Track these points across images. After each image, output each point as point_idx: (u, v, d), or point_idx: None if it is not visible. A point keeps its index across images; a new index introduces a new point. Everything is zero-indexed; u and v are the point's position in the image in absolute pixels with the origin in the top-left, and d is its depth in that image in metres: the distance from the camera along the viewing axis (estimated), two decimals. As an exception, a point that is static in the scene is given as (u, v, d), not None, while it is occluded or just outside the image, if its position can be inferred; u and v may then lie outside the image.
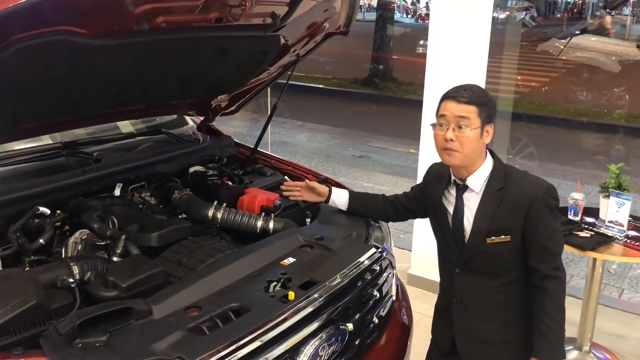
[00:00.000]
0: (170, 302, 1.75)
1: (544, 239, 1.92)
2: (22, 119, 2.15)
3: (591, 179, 5.88)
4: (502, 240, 1.95)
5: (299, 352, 1.81)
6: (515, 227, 1.93)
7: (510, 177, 1.97)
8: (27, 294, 1.63)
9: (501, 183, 1.95)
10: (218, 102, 3.07)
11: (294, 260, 2.08)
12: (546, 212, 1.92)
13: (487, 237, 1.96)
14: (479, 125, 1.91)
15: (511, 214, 1.93)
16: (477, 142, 1.92)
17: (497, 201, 1.94)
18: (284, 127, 9.10)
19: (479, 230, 1.97)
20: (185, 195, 2.48)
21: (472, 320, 2.09)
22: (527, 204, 1.90)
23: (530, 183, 1.96)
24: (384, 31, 12.63)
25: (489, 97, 1.95)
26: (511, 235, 1.94)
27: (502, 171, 1.98)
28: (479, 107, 1.90)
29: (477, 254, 2.00)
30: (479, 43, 3.58)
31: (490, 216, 1.95)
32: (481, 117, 1.91)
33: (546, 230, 1.92)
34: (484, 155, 1.98)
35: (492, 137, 1.95)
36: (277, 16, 2.27)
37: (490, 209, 1.95)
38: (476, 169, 1.97)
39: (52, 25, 1.68)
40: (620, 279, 4.44)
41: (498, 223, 1.94)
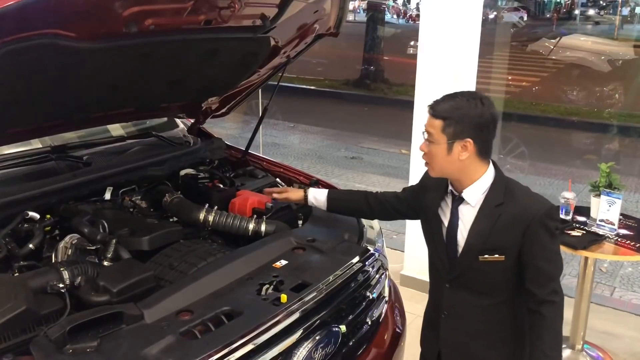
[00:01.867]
0: (161, 306, 1.74)
1: (540, 261, 1.82)
2: (10, 123, 2.13)
3: (582, 178, 5.91)
4: (495, 260, 1.85)
5: (292, 355, 1.81)
6: (510, 247, 1.83)
7: (510, 193, 1.85)
8: (16, 299, 1.61)
9: (500, 199, 1.84)
10: (209, 105, 3.06)
11: (286, 262, 2.07)
12: (545, 233, 1.81)
13: (479, 255, 1.86)
14: (443, 142, 1.79)
15: (507, 233, 1.83)
16: (443, 158, 1.82)
17: (494, 218, 1.84)
18: (276, 128, 9.09)
19: (472, 246, 1.88)
20: (176, 198, 2.46)
21: (459, 337, 2.01)
22: (526, 223, 1.80)
23: (530, 201, 1.85)
24: (375, 32, 12.65)
25: (463, 110, 1.78)
26: (505, 255, 1.85)
27: (502, 186, 1.86)
28: (445, 121, 1.78)
29: (468, 271, 1.92)
30: (469, 43, 3.59)
31: (485, 233, 1.85)
32: (446, 133, 1.79)
33: (544, 253, 1.82)
34: (479, 170, 1.86)
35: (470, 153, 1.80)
36: (267, 18, 2.27)
37: (485, 225, 1.85)
38: (472, 182, 1.86)
39: (39, 29, 1.67)
40: (611, 278, 4.46)
41: (493, 241, 1.84)
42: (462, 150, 1.80)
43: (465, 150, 1.80)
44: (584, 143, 8.54)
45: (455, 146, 1.79)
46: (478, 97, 1.81)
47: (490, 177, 1.87)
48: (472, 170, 1.85)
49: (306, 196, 2.34)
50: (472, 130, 1.78)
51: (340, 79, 12.73)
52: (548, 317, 1.82)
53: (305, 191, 2.35)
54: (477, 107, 1.78)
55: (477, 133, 1.79)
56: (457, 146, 1.79)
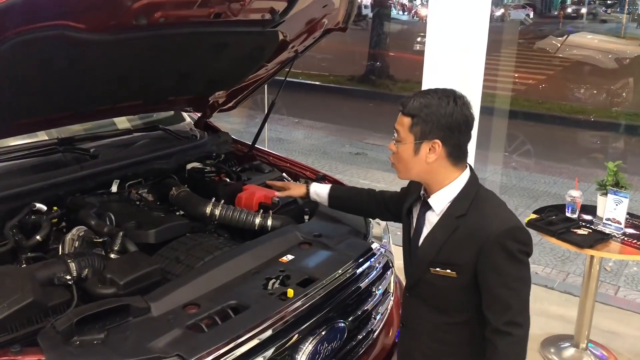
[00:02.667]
0: (168, 299, 1.75)
1: (495, 286, 1.63)
2: (18, 115, 2.13)
3: (587, 177, 5.88)
4: (447, 275, 1.70)
5: (298, 350, 1.81)
6: (463, 264, 1.66)
7: (476, 206, 1.68)
8: (24, 291, 1.62)
9: (463, 210, 1.68)
10: (216, 98, 3.05)
11: (292, 257, 2.07)
12: (501, 255, 1.61)
13: (430, 267, 1.72)
14: (410, 141, 1.66)
15: (461, 248, 1.66)
16: (410, 159, 1.69)
17: (451, 229, 1.68)
18: (281, 123, 9.08)
19: (423, 256, 1.75)
20: (182, 192, 2.46)
21: (414, 352, 1.89)
22: (480, 241, 1.63)
23: (492, 217, 1.65)
24: (381, 28, 12.62)
25: (432, 109, 1.64)
26: (457, 272, 1.68)
27: (470, 197, 1.69)
28: (413, 119, 1.65)
29: (421, 282, 1.78)
30: (477, 41, 3.57)
31: (438, 244, 1.70)
32: (413, 132, 1.66)
33: (500, 277, 1.63)
34: (449, 175, 1.70)
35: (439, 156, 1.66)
36: (276, 12, 2.26)
37: (441, 236, 1.70)
38: (440, 188, 1.72)
39: (49, 20, 1.67)
40: (616, 277, 4.45)
41: (445, 254, 1.69)
42: (430, 152, 1.66)
43: (433, 152, 1.66)
44: (590, 142, 8.51)
45: (423, 147, 1.66)
46: (451, 95, 1.67)
47: (461, 185, 1.71)
48: (442, 174, 1.70)
49: (308, 191, 2.31)
50: (441, 130, 1.64)
51: (345, 74, 12.70)
52: (500, 350, 1.63)
53: (308, 186, 2.32)
54: (448, 106, 1.64)
55: (446, 134, 1.64)
56: (425, 147, 1.66)
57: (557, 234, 3.01)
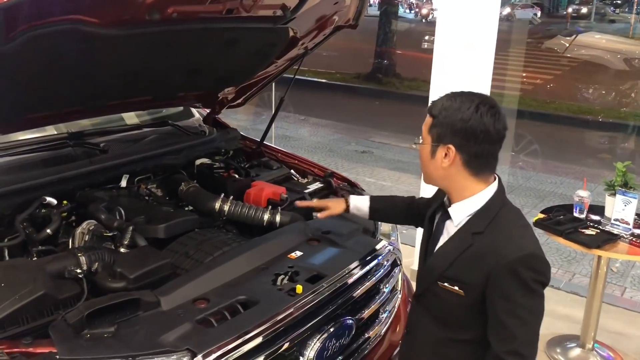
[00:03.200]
0: (178, 294, 1.76)
1: (502, 313, 1.54)
2: (30, 109, 2.14)
3: (595, 177, 5.87)
4: (454, 291, 1.62)
5: (306, 346, 1.82)
6: (471, 284, 1.58)
7: (495, 225, 1.58)
8: (35, 284, 1.64)
9: (481, 227, 1.58)
10: (225, 95, 3.06)
11: (301, 253, 2.07)
12: (513, 283, 1.51)
13: (439, 280, 1.65)
14: (427, 142, 1.62)
15: (471, 267, 1.57)
16: (427, 162, 1.64)
17: (465, 246, 1.59)
18: (287, 121, 9.08)
19: (432, 267, 1.68)
20: (192, 187, 2.47)
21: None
22: (492, 264, 1.53)
23: (508, 241, 1.55)
24: (388, 26, 12.60)
25: (450, 112, 1.57)
26: (465, 291, 1.60)
27: (491, 214, 1.59)
28: (433, 120, 1.61)
29: (427, 292, 1.71)
30: (486, 40, 3.57)
31: (449, 259, 1.62)
32: (431, 134, 1.61)
33: (508, 305, 1.53)
34: (471, 187, 1.62)
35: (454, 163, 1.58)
36: (288, 8, 2.26)
37: (453, 250, 1.62)
38: (461, 199, 1.64)
39: (62, 14, 1.67)
40: (622, 277, 4.43)
41: (455, 270, 1.61)
42: (445, 157, 1.59)
43: (448, 159, 1.59)
44: (597, 142, 8.48)
45: (439, 151, 1.60)
46: (477, 101, 1.56)
47: (484, 200, 1.62)
48: (460, 185, 1.62)
49: (348, 206, 2.17)
50: (455, 136, 1.56)
51: (352, 72, 12.69)
52: None
53: (347, 201, 2.17)
54: (467, 112, 1.54)
55: (462, 141, 1.56)
56: (441, 151, 1.59)
57: (565, 233, 3.01)
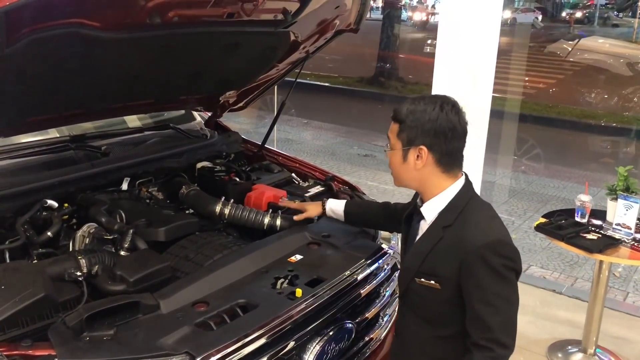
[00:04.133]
0: (177, 297, 1.76)
1: (476, 302, 1.57)
2: (31, 112, 2.15)
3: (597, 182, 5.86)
4: (431, 286, 1.65)
5: (305, 349, 1.82)
6: (446, 276, 1.62)
7: (464, 217, 1.63)
8: (35, 286, 1.63)
9: (450, 220, 1.64)
10: (226, 98, 3.07)
11: (301, 257, 2.08)
12: (484, 270, 1.55)
13: (416, 277, 1.69)
14: (398, 148, 1.66)
15: (444, 259, 1.62)
16: (399, 166, 1.68)
17: (436, 239, 1.65)
18: (290, 124, 9.09)
19: (409, 266, 1.73)
20: (192, 190, 2.47)
21: None
22: (462, 254, 1.57)
23: (475, 230, 1.59)
24: (391, 30, 12.61)
25: (417, 114, 1.62)
26: (441, 285, 1.64)
27: (459, 207, 1.65)
28: (400, 125, 1.65)
29: (409, 291, 1.75)
30: (488, 45, 3.56)
31: (422, 254, 1.67)
32: (400, 138, 1.65)
33: (480, 293, 1.56)
34: (440, 184, 1.67)
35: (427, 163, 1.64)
36: (289, 12, 2.27)
37: (425, 246, 1.67)
38: (431, 197, 1.69)
39: (64, 18, 1.68)
40: (625, 282, 4.42)
41: (428, 265, 1.65)
42: (418, 158, 1.64)
43: (421, 159, 1.64)
44: (600, 146, 8.46)
45: (410, 153, 1.65)
46: (439, 101, 1.64)
47: (452, 194, 1.67)
48: (433, 183, 1.68)
49: (324, 209, 2.26)
50: (426, 136, 1.62)
51: (354, 76, 12.70)
52: None
53: (323, 204, 2.26)
54: (433, 112, 1.62)
55: (433, 140, 1.62)
56: (412, 154, 1.65)
57: (566, 238, 3.00)
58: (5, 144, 2.34)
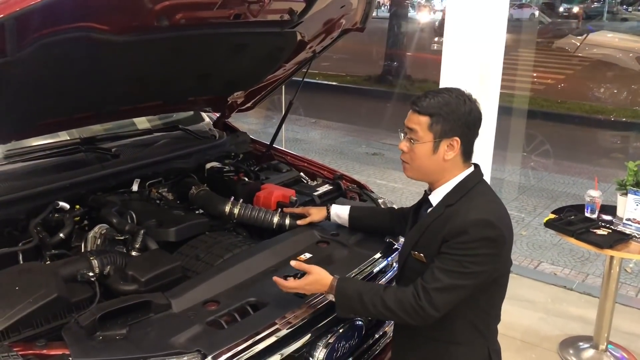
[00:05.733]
0: (188, 296, 1.78)
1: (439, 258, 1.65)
2: (42, 115, 2.18)
3: (607, 177, 5.82)
4: (420, 259, 1.73)
5: (315, 347, 1.83)
6: (431, 248, 1.70)
7: (466, 199, 1.70)
8: (48, 287, 1.65)
9: (453, 200, 1.71)
10: (234, 99, 3.08)
11: (310, 256, 2.08)
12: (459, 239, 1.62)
13: (412, 249, 1.76)
14: (429, 140, 1.68)
15: (435, 234, 1.69)
16: (427, 158, 1.71)
17: (436, 216, 1.72)
18: (298, 124, 9.10)
19: (408, 241, 1.80)
20: (202, 191, 2.49)
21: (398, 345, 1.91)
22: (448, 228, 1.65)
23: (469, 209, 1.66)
24: (398, 28, 12.59)
25: (452, 106, 1.67)
26: (426, 257, 1.72)
27: (464, 190, 1.72)
28: (432, 118, 1.67)
29: (404, 268, 1.82)
30: (495, 40, 3.56)
31: (423, 228, 1.75)
32: (433, 130, 1.68)
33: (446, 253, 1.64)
34: (453, 171, 1.74)
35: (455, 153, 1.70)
36: (295, 12, 2.28)
37: (427, 221, 1.75)
38: (441, 185, 1.75)
39: (74, 22, 1.70)
40: (637, 278, 4.39)
41: (424, 240, 1.73)
42: (449, 149, 1.69)
43: (452, 150, 1.69)
44: (610, 142, 8.40)
45: (442, 145, 1.69)
46: (464, 93, 1.72)
47: (460, 179, 1.74)
48: (452, 172, 1.74)
49: (329, 214, 2.27)
50: (460, 128, 1.68)
51: (362, 74, 12.69)
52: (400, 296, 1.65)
53: (328, 209, 2.28)
54: (466, 105, 1.69)
55: (464, 131, 1.69)
56: (444, 145, 1.69)
57: (576, 234, 2.99)
58: (17, 147, 2.37)
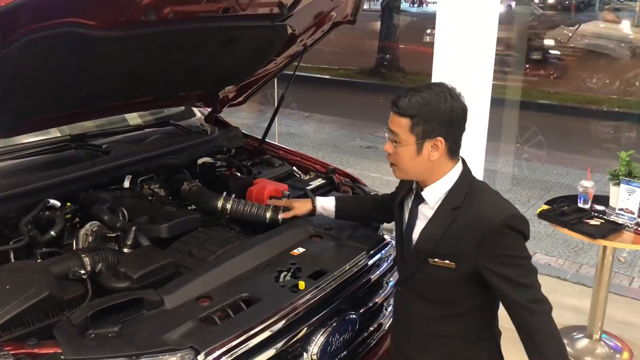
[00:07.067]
0: (181, 292, 1.77)
1: (509, 272, 1.62)
2: (31, 112, 2.16)
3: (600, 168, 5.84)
4: (445, 265, 1.68)
5: (309, 341, 1.83)
6: (463, 255, 1.65)
7: (471, 197, 1.67)
8: (39, 285, 1.64)
9: (458, 202, 1.67)
10: (225, 93, 3.07)
11: (303, 250, 2.08)
12: (505, 242, 1.61)
13: (430, 258, 1.70)
14: (411, 142, 1.64)
15: (460, 240, 1.65)
16: (412, 160, 1.67)
17: (448, 222, 1.67)
18: (291, 118, 9.08)
19: (421, 249, 1.73)
20: (194, 186, 2.48)
21: (406, 348, 1.86)
22: (481, 231, 1.61)
23: (489, 208, 1.65)
24: (390, 21, 12.56)
25: (432, 106, 1.62)
26: (457, 263, 1.67)
27: (464, 189, 1.69)
28: (412, 119, 1.62)
29: (417, 274, 1.75)
30: (487, 31, 3.55)
31: (436, 237, 1.69)
32: (415, 132, 1.63)
33: (510, 261, 1.62)
34: (444, 169, 1.70)
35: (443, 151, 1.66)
36: (284, 5, 2.26)
37: (438, 229, 1.69)
38: (433, 182, 1.71)
39: (60, 17, 1.68)
40: (630, 267, 4.42)
41: (443, 247, 1.68)
42: (433, 149, 1.65)
43: (436, 150, 1.65)
44: (603, 132, 8.42)
45: (425, 146, 1.65)
46: (446, 89, 1.65)
47: (455, 177, 1.71)
48: (440, 169, 1.70)
49: (314, 207, 2.21)
50: (443, 127, 1.63)
51: (355, 67, 12.67)
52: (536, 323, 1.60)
53: (313, 202, 2.22)
54: (447, 102, 1.62)
55: (448, 130, 1.64)
56: (427, 146, 1.65)
57: (569, 224, 3.00)
58: (7, 144, 2.35)
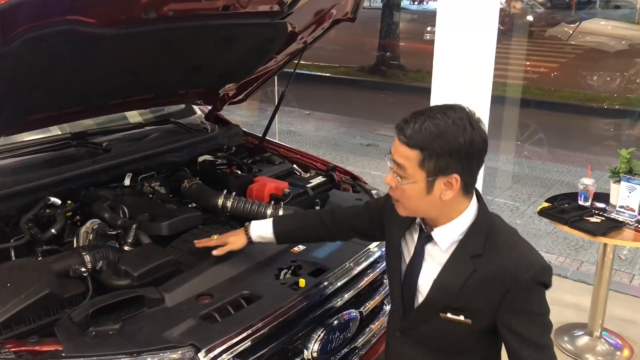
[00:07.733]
0: (181, 290, 1.77)
1: (525, 328, 1.43)
2: (31, 110, 2.16)
3: (601, 165, 5.84)
4: (460, 321, 1.47)
5: (310, 339, 1.83)
6: (482, 310, 1.45)
7: (492, 243, 1.44)
8: (40, 283, 1.65)
9: (479, 249, 1.43)
10: (226, 91, 3.07)
11: (304, 247, 2.09)
12: (531, 299, 1.42)
13: (441, 312, 1.48)
14: (420, 179, 1.38)
15: (480, 293, 1.43)
16: (421, 199, 1.41)
17: (468, 272, 1.43)
18: (291, 116, 9.08)
19: (433, 301, 1.50)
20: (194, 184, 2.48)
21: None
22: (507, 286, 1.40)
23: (517, 258, 1.42)
24: (391, 18, 12.54)
25: (448, 137, 1.34)
26: (473, 319, 1.46)
27: (483, 232, 1.45)
28: (423, 152, 1.35)
29: (423, 326, 1.55)
30: (487, 29, 3.55)
31: (453, 289, 1.45)
32: (426, 168, 1.37)
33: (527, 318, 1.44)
34: (459, 208, 1.45)
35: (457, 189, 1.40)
36: (284, 3, 2.26)
37: (455, 280, 1.45)
38: (445, 223, 1.46)
39: (60, 15, 1.68)
40: (630, 265, 4.42)
41: (461, 300, 1.45)
42: (446, 188, 1.39)
43: (450, 189, 1.39)
44: (603, 129, 8.41)
45: (437, 184, 1.38)
46: (465, 116, 1.38)
47: (471, 217, 1.46)
48: (454, 208, 1.45)
49: (249, 238, 1.90)
50: (460, 163, 1.37)
51: (355, 65, 12.66)
52: None
53: (247, 232, 1.90)
54: (467, 132, 1.35)
55: (465, 165, 1.38)
56: (440, 183, 1.38)
57: (570, 222, 3.00)
58: (7, 142, 2.35)
